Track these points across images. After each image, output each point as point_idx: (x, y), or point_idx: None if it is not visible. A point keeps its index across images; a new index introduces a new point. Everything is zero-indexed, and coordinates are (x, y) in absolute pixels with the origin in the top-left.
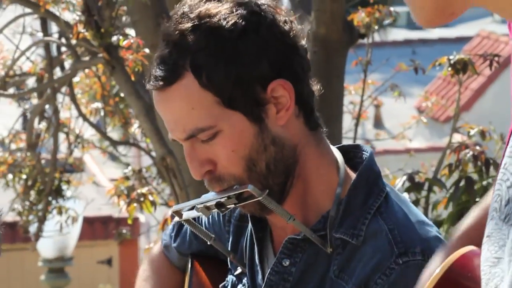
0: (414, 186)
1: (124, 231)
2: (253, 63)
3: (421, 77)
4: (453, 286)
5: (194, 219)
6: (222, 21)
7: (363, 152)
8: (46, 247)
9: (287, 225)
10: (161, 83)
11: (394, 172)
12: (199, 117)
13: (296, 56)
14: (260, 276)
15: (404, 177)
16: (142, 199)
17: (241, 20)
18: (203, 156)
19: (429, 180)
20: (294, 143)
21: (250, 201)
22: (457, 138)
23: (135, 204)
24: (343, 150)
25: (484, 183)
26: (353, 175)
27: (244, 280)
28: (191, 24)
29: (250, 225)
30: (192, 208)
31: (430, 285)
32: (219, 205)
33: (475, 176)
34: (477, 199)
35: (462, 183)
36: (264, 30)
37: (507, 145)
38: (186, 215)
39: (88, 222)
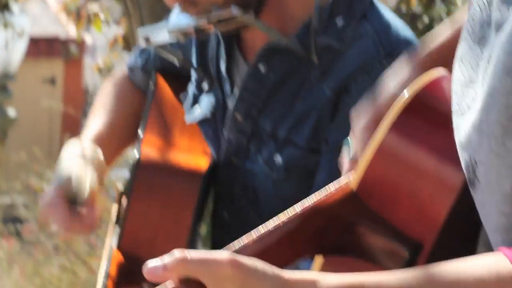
0: None
1: (72, 48)
2: None
3: None
4: (423, 109)
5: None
6: None
7: None
8: None
9: (262, 40)
10: None
11: None
12: None
13: None
14: (228, 87)
15: None
16: (92, 17)
17: None
18: None
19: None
20: None
21: (229, 22)
22: None
23: (84, 23)
24: None
25: (427, 20)
26: None
27: (212, 92)
28: None
29: (216, 38)
30: (164, 33)
31: (399, 110)
32: (198, 31)
33: (419, 10)
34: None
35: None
36: None
37: None
38: (158, 40)
39: (33, 41)
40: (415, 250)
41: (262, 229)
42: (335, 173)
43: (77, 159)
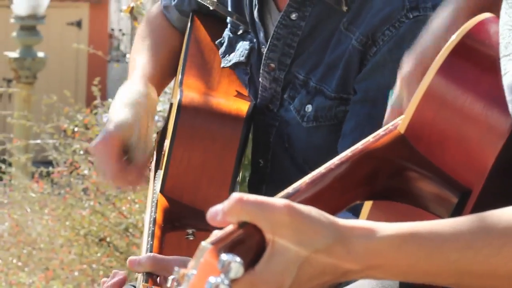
0: None
1: None
2: None
3: None
4: (470, 52)
5: None
6: None
7: None
8: (19, 4)
9: None
10: None
11: None
12: None
13: None
14: (262, 34)
15: None
16: None
17: None
18: None
19: None
20: None
21: None
22: None
23: None
24: None
25: None
26: None
27: (247, 38)
28: None
29: None
30: None
31: (445, 52)
32: None
33: None
34: None
35: None
36: None
37: None
38: None
39: None
40: (464, 195)
41: (314, 172)
42: (362, 123)
43: (133, 103)
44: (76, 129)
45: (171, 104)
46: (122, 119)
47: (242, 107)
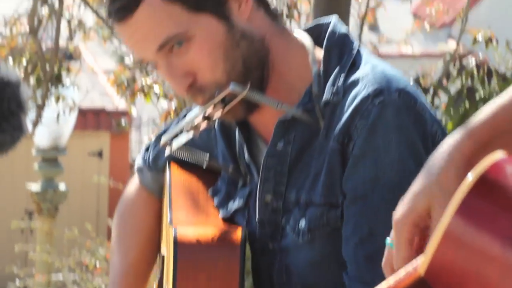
0: (419, 90)
1: (123, 122)
2: None
3: None
4: (487, 192)
5: (184, 144)
6: None
7: (325, 24)
8: (41, 136)
9: (273, 116)
10: (123, 13)
11: None
12: (168, 27)
13: None
14: (255, 174)
15: (411, 80)
16: (147, 90)
17: None
18: (182, 70)
19: (434, 84)
20: (261, 34)
21: (235, 101)
22: (452, 44)
23: (137, 95)
24: (307, 32)
25: (485, 94)
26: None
27: (246, 185)
28: None
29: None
30: (180, 132)
31: (462, 192)
32: (206, 118)
33: (477, 86)
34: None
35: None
36: None
37: None
38: (177, 143)
39: (81, 112)
40: None
41: None
42: (360, 223)
43: None
44: (97, 263)
45: (163, 257)
46: None
47: (236, 231)
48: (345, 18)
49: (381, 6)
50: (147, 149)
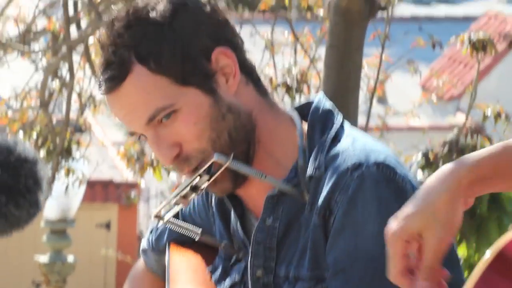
0: (428, 164)
1: (132, 194)
2: (192, 37)
3: (425, 54)
4: (505, 268)
5: (177, 217)
6: (151, 10)
7: (312, 102)
8: (50, 208)
9: (262, 191)
10: (112, 83)
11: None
12: (156, 99)
13: (229, 28)
14: (250, 247)
15: (419, 155)
16: (155, 163)
17: (169, 4)
18: (169, 141)
19: (443, 158)
20: (249, 109)
21: (220, 171)
22: (461, 117)
23: (147, 168)
24: (299, 108)
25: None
26: None
27: (242, 260)
28: (124, 23)
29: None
30: (171, 204)
31: (481, 267)
32: (193, 188)
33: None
34: None
35: None
36: (192, 6)
37: None
38: (168, 215)
39: (89, 184)
40: None
41: None
42: None
43: None
44: None
45: None
46: None
47: None
48: (354, 91)
49: (389, 78)
50: (151, 231)
